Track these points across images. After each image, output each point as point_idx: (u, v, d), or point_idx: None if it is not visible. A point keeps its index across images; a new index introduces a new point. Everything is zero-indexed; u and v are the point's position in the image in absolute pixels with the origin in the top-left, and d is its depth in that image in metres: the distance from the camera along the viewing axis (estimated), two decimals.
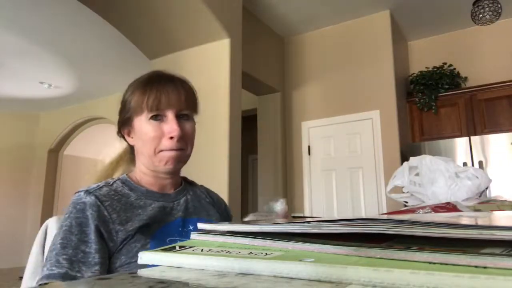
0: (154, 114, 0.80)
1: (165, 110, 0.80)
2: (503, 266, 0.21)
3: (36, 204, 6.40)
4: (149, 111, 0.80)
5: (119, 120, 0.87)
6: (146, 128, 0.80)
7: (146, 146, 0.81)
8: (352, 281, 0.23)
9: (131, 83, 0.87)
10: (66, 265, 0.67)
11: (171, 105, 0.80)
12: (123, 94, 0.87)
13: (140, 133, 0.82)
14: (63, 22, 3.77)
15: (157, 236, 0.77)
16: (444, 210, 0.72)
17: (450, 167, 1.10)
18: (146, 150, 0.81)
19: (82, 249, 0.70)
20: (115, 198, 0.78)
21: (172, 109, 0.81)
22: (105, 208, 0.75)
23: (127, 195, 0.80)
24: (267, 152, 4.11)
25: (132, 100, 0.82)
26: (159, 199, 0.83)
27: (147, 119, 0.80)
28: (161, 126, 0.80)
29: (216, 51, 3.04)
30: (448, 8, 3.72)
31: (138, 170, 0.87)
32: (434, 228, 0.27)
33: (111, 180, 0.83)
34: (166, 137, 0.80)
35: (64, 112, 6.44)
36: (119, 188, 0.81)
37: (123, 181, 0.83)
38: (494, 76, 3.75)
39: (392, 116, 3.60)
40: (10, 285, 4.73)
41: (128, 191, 0.81)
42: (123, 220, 0.75)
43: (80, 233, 0.71)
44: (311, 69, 4.16)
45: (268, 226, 0.35)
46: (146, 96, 0.80)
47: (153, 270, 0.31)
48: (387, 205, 3.43)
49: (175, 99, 0.81)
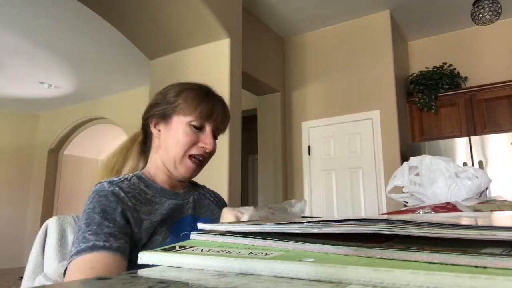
0: (197, 125, 0.85)
1: (209, 123, 0.87)
2: (503, 266, 0.21)
3: (36, 204, 6.40)
4: (198, 117, 0.85)
5: (152, 111, 0.89)
6: (185, 130, 0.85)
7: (177, 146, 0.85)
8: (352, 281, 0.23)
9: (176, 84, 0.91)
10: (92, 238, 0.68)
11: (215, 122, 0.88)
12: (165, 90, 0.90)
13: (176, 132, 0.85)
14: (63, 22, 3.77)
15: (172, 231, 0.80)
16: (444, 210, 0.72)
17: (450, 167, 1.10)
18: (175, 150, 0.85)
19: (106, 224, 0.71)
20: (136, 192, 0.81)
21: (213, 126, 0.88)
22: (129, 199, 0.77)
23: (144, 192, 0.83)
24: (267, 152, 4.11)
25: (181, 100, 0.86)
26: (171, 197, 0.87)
27: (188, 123, 0.85)
28: (198, 135, 0.86)
29: (216, 51, 3.04)
30: (448, 8, 3.72)
31: (153, 164, 0.89)
32: (434, 229, 0.27)
33: (128, 176, 0.85)
34: (198, 146, 0.86)
35: (64, 112, 6.44)
36: (137, 184, 0.83)
37: (139, 178, 0.86)
38: (494, 76, 3.75)
39: (392, 116, 3.60)
40: (10, 285, 4.73)
41: (144, 187, 0.84)
42: (146, 211, 0.78)
43: (103, 212, 0.73)
44: (311, 69, 4.16)
45: (268, 226, 0.35)
46: (201, 105, 0.85)
47: (153, 270, 0.31)
48: (387, 205, 3.43)
49: (220, 119, 0.89)
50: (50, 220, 0.92)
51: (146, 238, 0.75)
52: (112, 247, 0.68)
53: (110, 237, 0.69)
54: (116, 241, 0.69)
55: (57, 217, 0.92)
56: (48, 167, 6.47)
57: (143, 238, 0.75)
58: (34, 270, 0.87)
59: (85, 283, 0.29)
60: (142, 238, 0.75)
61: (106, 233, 0.69)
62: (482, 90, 3.61)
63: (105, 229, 0.70)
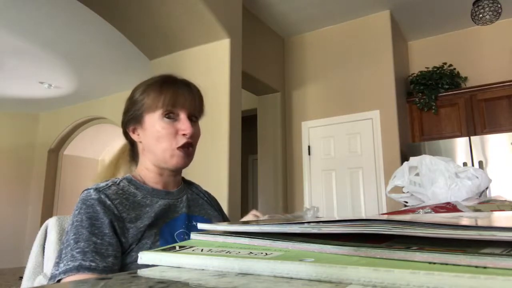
0: (168, 113, 0.84)
1: (179, 109, 0.85)
2: (503, 266, 0.21)
3: (36, 204, 6.40)
4: (165, 109, 0.84)
5: (125, 117, 0.90)
6: (159, 125, 0.84)
7: (159, 143, 0.84)
8: (352, 281, 0.23)
9: (141, 84, 0.91)
10: (79, 257, 0.68)
11: (185, 106, 0.86)
12: (132, 94, 0.90)
13: (152, 130, 0.85)
14: (63, 22, 3.77)
15: (164, 231, 0.79)
16: (444, 210, 0.72)
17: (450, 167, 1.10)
18: (159, 146, 0.84)
19: (93, 240, 0.70)
20: (124, 197, 0.80)
21: (185, 110, 0.86)
22: (115, 206, 0.76)
23: (134, 194, 0.82)
24: (267, 152, 4.11)
25: (145, 98, 0.86)
26: (164, 197, 0.86)
27: (161, 117, 0.84)
28: (174, 124, 0.84)
29: (216, 51, 3.04)
30: (448, 8, 3.72)
31: (143, 167, 0.89)
32: (434, 229, 0.27)
33: (117, 180, 0.84)
34: (179, 134, 0.84)
35: (64, 112, 6.44)
36: (126, 187, 0.83)
37: (129, 181, 0.85)
38: (494, 76, 3.75)
39: (392, 116, 3.60)
40: (10, 285, 4.72)
41: (134, 190, 0.83)
42: (132, 218, 0.77)
43: (91, 226, 0.72)
44: (311, 69, 4.16)
45: (268, 226, 0.35)
46: (163, 95, 0.84)
47: (153, 270, 0.31)
48: (387, 205, 3.43)
49: (189, 102, 0.87)
50: (50, 220, 0.92)
51: (135, 244, 0.75)
52: (98, 267, 0.68)
53: (97, 256, 0.69)
54: (103, 260, 0.69)
55: (57, 217, 0.92)
56: (48, 167, 6.47)
57: (132, 245, 0.75)
58: (34, 270, 0.87)
59: (85, 283, 0.29)
60: (131, 245, 0.75)
61: (93, 251, 0.69)
62: (482, 90, 3.61)
63: (92, 245, 0.70)
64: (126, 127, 0.90)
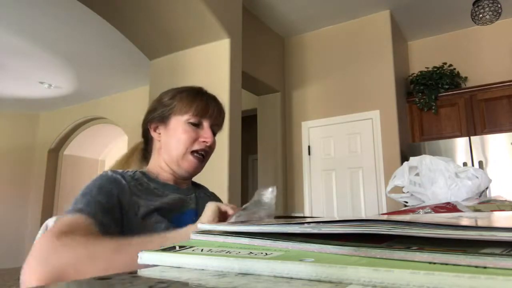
0: (195, 122, 0.90)
1: (205, 119, 0.91)
2: (503, 266, 0.21)
3: (36, 204, 6.40)
4: (194, 114, 0.89)
5: (150, 116, 0.94)
6: (184, 128, 0.89)
7: (178, 144, 0.89)
8: (352, 281, 0.23)
9: (170, 89, 0.96)
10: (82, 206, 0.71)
11: (211, 117, 0.92)
12: (160, 96, 0.95)
13: (175, 132, 0.89)
14: (63, 22, 3.77)
15: (175, 222, 0.81)
16: (444, 210, 0.72)
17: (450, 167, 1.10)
18: (178, 148, 0.89)
19: (99, 199, 0.74)
20: (138, 183, 0.84)
21: (210, 121, 0.92)
22: (129, 187, 0.81)
23: (147, 183, 0.86)
24: (267, 152, 4.11)
25: (177, 102, 0.91)
26: (175, 191, 0.89)
27: (186, 121, 0.89)
28: (197, 131, 0.90)
29: (216, 51, 3.04)
30: (448, 8, 3.72)
31: (156, 164, 0.93)
32: (435, 229, 0.27)
33: (132, 171, 0.88)
34: (199, 141, 0.90)
35: (64, 112, 6.44)
36: (140, 178, 0.86)
37: (142, 174, 0.89)
38: (494, 76, 3.75)
39: (392, 116, 3.60)
40: (10, 285, 4.72)
41: (147, 181, 0.87)
42: (145, 199, 0.80)
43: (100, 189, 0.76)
44: (311, 69, 4.16)
45: (268, 226, 0.35)
46: (196, 103, 0.90)
47: (153, 270, 0.31)
48: (387, 205, 3.43)
49: (216, 115, 0.93)
50: (50, 220, 0.91)
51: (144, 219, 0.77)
52: (97, 218, 0.70)
53: (99, 211, 0.71)
54: (103, 216, 0.71)
55: (57, 217, 0.92)
56: (48, 167, 6.47)
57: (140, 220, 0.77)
58: None
59: (85, 283, 0.29)
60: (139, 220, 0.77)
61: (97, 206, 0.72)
62: (482, 90, 3.61)
63: (97, 202, 0.73)
64: (148, 124, 0.94)
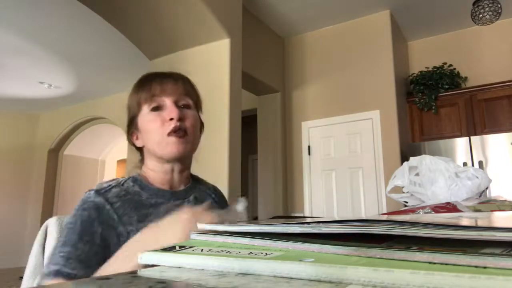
0: (153, 106, 0.81)
1: (162, 98, 0.82)
2: (503, 266, 0.21)
3: (36, 204, 6.40)
4: (147, 103, 0.82)
5: (127, 125, 0.88)
6: (147, 119, 0.82)
7: (151, 136, 0.82)
8: (352, 281, 0.23)
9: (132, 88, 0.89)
10: (61, 262, 0.67)
11: (166, 93, 0.82)
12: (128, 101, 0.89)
13: (144, 128, 0.83)
14: (63, 22, 3.77)
15: None
16: (444, 210, 0.72)
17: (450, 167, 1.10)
18: (152, 140, 0.82)
19: (80, 247, 0.69)
20: (126, 198, 0.78)
21: (168, 96, 0.82)
22: (114, 210, 0.75)
23: (138, 194, 0.80)
24: (267, 152, 4.11)
25: (131, 100, 0.85)
26: (170, 198, 0.83)
27: (148, 112, 0.82)
28: (161, 114, 0.82)
29: (216, 51, 3.04)
30: (448, 8, 3.72)
31: (148, 168, 0.87)
32: (435, 229, 0.27)
33: (122, 180, 0.83)
34: (166, 121, 0.81)
35: (64, 112, 6.44)
36: (130, 188, 0.81)
37: (134, 180, 0.83)
38: (494, 76, 3.75)
39: (392, 116, 3.60)
40: (10, 285, 4.73)
41: (139, 189, 0.81)
42: (134, 221, 0.75)
43: (82, 232, 0.71)
44: (311, 69, 4.16)
45: (268, 226, 0.35)
46: (140, 91, 0.83)
47: (153, 270, 0.31)
48: (387, 205, 3.43)
49: (171, 88, 0.83)
50: (50, 220, 0.92)
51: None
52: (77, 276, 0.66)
53: (80, 264, 0.68)
54: (84, 269, 0.67)
55: (57, 217, 0.92)
56: (48, 167, 6.47)
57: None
58: (34, 270, 0.87)
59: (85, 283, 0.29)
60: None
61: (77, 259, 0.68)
62: (482, 90, 3.61)
63: (78, 252, 0.69)
64: (130, 137, 0.89)
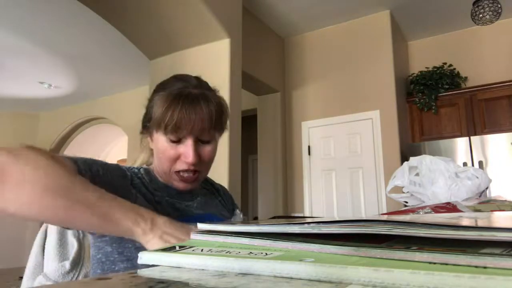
0: (173, 140, 0.77)
1: (184, 134, 0.77)
2: (503, 266, 0.21)
3: None
4: (169, 130, 0.75)
5: (143, 121, 0.85)
6: (163, 147, 0.78)
7: (162, 163, 0.80)
8: (352, 281, 0.23)
9: (158, 86, 0.83)
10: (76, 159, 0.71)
11: (190, 130, 0.76)
12: (150, 97, 0.83)
13: (157, 147, 0.79)
14: (63, 22, 3.77)
15: None
16: (444, 210, 0.72)
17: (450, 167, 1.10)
18: (162, 165, 0.80)
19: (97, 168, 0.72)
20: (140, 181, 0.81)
21: (191, 135, 0.77)
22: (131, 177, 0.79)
23: (147, 186, 0.81)
24: (267, 152, 4.11)
25: (154, 110, 0.78)
26: (174, 196, 0.83)
27: (165, 137, 0.77)
28: (178, 148, 0.77)
29: (216, 51, 3.04)
30: (448, 8, 3.71)
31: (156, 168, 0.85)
32: (435, 229, 0.27)
33: (136, 169, 0.84)
34: (180, 160, 0.78)
35: (64, 112, 6.44)
36: (142, 178, 0.82)
37: (147, 173, 0.84)
38: (494, 76, 3.75)
39: (392, 116, 3.60)
40: (10, 285, 4.72)
41: (149, 182, 0.82)
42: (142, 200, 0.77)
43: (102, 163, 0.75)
44: (311, 69, 4.16)
45: (268, 226, 0.35)
46: (167, 117, 0.74)
47: (153, 270, 0.31)
48: (387, 205, 3.43)
49: (197, 123, 0.76)
50: None
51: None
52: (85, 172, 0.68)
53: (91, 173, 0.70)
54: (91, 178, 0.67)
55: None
56: None
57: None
58: (34, 270, 0.87)
59: (85, 283, 0.29)
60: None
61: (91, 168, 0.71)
62: (482, 90, 3.61)
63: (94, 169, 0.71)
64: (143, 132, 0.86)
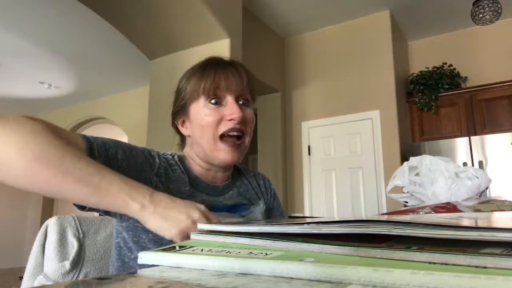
0: (212, 98, 0.75)
1: (224, 93, 0.76)
2: (503, 266, 0.21)
3: (36, 204, 6.40)
4: (206, 95, 0.75)
5: (173, 110, 0.83)
6: (203, 112, 0.76)
7: (203, 132, 0.76)
8: (352, 281, 0.23)
9: (187, 70, 0.83)
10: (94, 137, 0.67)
11: (230, 89, 0.76)
12: (178, 83, 0.83)
13: (197, 119, 0.77)
14: (63, 22, 3.77)
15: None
16: (444, 210, 0.72)
17: (450, 167, 1.10)
18: (205, 137, 0.76)
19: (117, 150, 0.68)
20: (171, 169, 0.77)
21: (231, 93, 0.76)
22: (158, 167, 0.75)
23: (178, 175, 0.78)
24: (267, 152, 4.11)
25: (188, 85, 0.78)
26: (204, 190, 0.79)
27: (205, 103, 0.76)
28: (220, 110, 0.75)
29: (216, 51, 3.01)
30: (448, 8, 3.71)
31: (189, 156, 0.83)
32: (435, 230, 0.27)
33: (170, 156, 0.81)
34: (225, 121, 0.75)
35: (64, 112, 6.44)
36: (175, 165, 0.79)
37: (181, 160, 0.81)
38: (494, 76, 3.75)
39: (392, 116, 3.60)
40: (10, 285, 4.73)
41: (180, 171, 0.78)
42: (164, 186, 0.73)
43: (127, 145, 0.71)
44: (311, 69, 4.16)
45: (268, 226, 0.35)
46: (203, 80, 0.76)
47: (153, 270, 0.31)
48: (387, 205, 3.43)
49: (235, 83, 0.77)
50: (50, 220, 0.92)
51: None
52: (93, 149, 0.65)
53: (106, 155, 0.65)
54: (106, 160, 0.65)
55: (57, 217, 0.92)
56: None
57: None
58: (34, 270, 0.87)
59: (85, 283, 0.29)
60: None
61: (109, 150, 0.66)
62: (482, 90, 3.61)
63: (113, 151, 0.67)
64: (175, 121, 0.83)
